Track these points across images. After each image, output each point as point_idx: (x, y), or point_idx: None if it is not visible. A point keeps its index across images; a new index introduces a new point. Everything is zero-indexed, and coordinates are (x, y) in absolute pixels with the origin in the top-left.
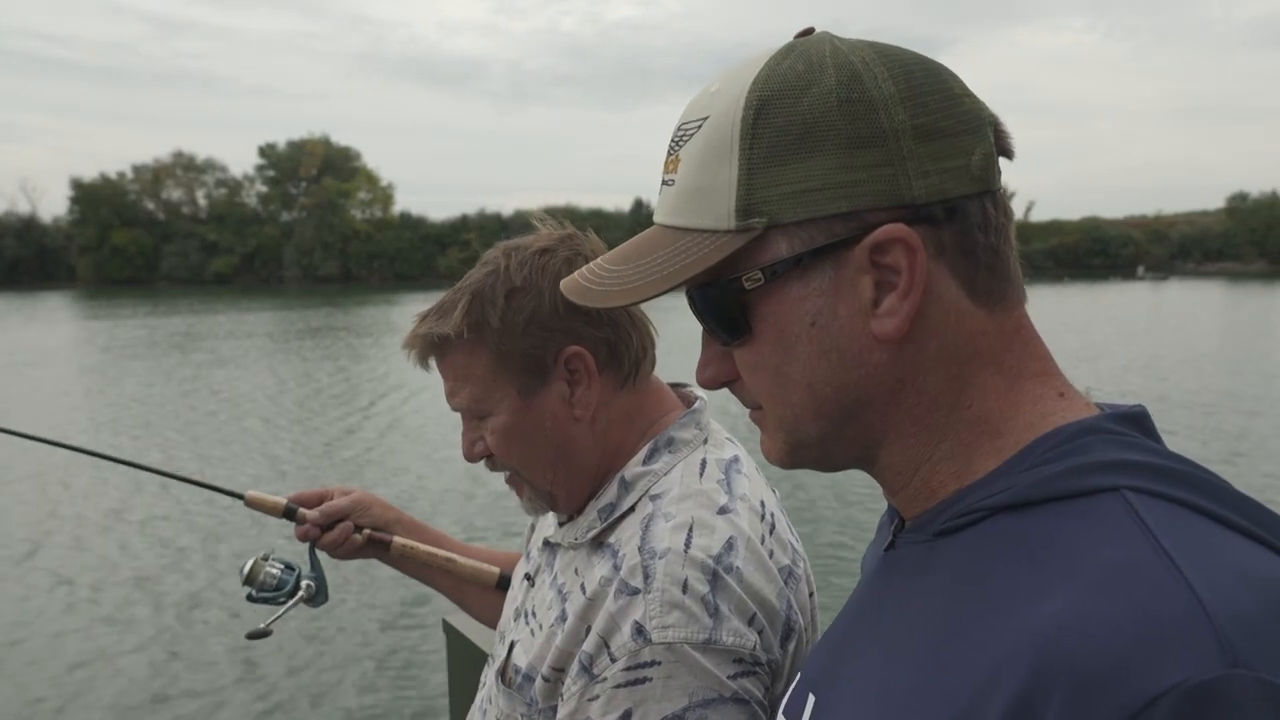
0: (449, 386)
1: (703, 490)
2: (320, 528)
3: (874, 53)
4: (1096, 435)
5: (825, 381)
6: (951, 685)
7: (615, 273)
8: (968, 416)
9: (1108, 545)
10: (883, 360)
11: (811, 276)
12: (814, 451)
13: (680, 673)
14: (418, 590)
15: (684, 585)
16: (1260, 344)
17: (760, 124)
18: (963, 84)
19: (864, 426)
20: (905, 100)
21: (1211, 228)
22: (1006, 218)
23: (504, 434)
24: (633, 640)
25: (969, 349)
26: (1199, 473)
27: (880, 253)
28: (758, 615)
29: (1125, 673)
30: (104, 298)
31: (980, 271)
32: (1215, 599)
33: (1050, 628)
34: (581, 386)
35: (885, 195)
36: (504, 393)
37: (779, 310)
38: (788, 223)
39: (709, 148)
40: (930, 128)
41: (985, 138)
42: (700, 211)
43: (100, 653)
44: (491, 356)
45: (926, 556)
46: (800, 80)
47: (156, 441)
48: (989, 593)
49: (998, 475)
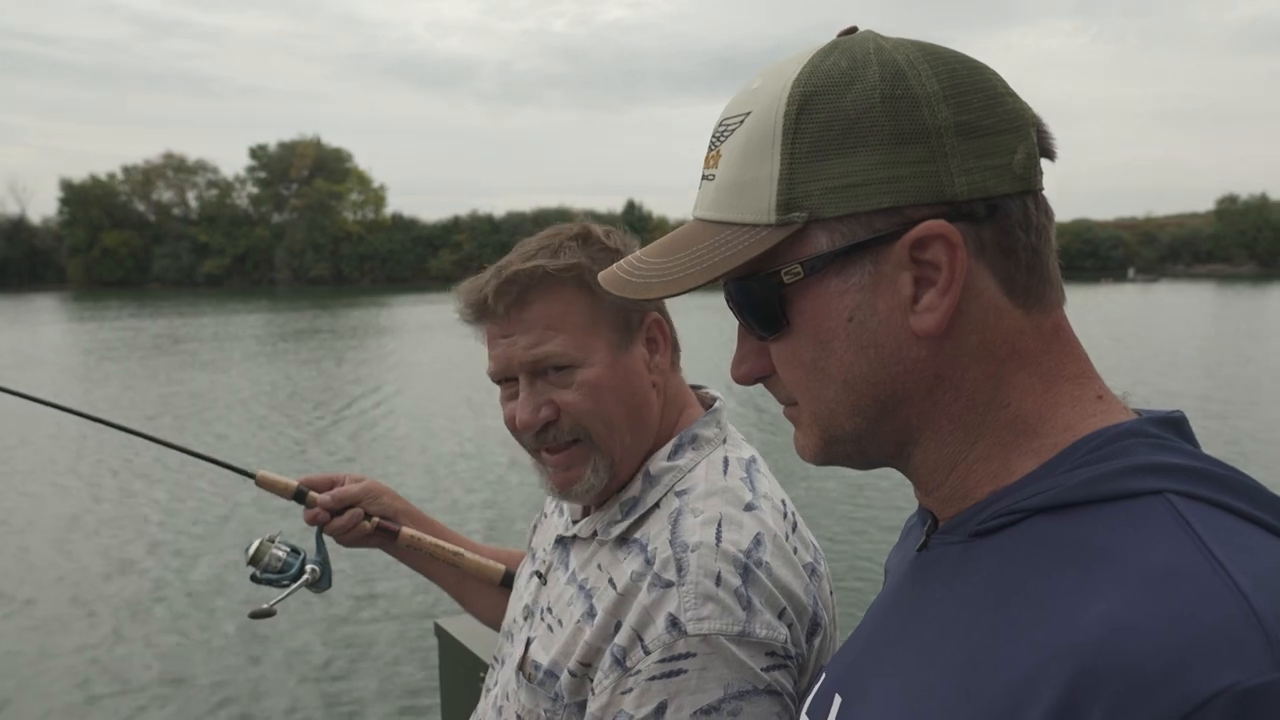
0: (529, 338)
1: (728, 487)
2: (330, 512)
3: (918, 50)
4: (1138, 439)
5: (862, 378)
6: (990, 687)
7: (655, 265)
8: (1005, 416)
9: (1154, 548)
10: (921, 357)
11: (851, 271)
12: (849, 448)
13: (715, 664)
14: (409, 594)
15: (717, 578)
16: (1254, 345)
17: (803, 119)
18: (1005, 83)
19: (900, 424)
20: (949, 98)
21: (1201, 230)
22: (1048, 218)
23: (595, 388)
24: (667, 632)
25: (1007, 348)
26: (1239, 477)
27: (921, 249)
28: (787, 609)
29: (1175, 675)
30: (94, 300)
31: (1020, 271)
32: (1264, 602)
33: (1098, 630)
34: (659, 354)
35: (927, 191)
36: (599, 344)
37: (817, 305)
38: (829, 218)
39: (751, 142)
40: (973, 125)
41: (1028, 137)
42: (741, 206)
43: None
44: (587, 305)
45: (962, 558)
46: (844, 77)
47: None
48: (1029, 595)
49: (1037, 476)
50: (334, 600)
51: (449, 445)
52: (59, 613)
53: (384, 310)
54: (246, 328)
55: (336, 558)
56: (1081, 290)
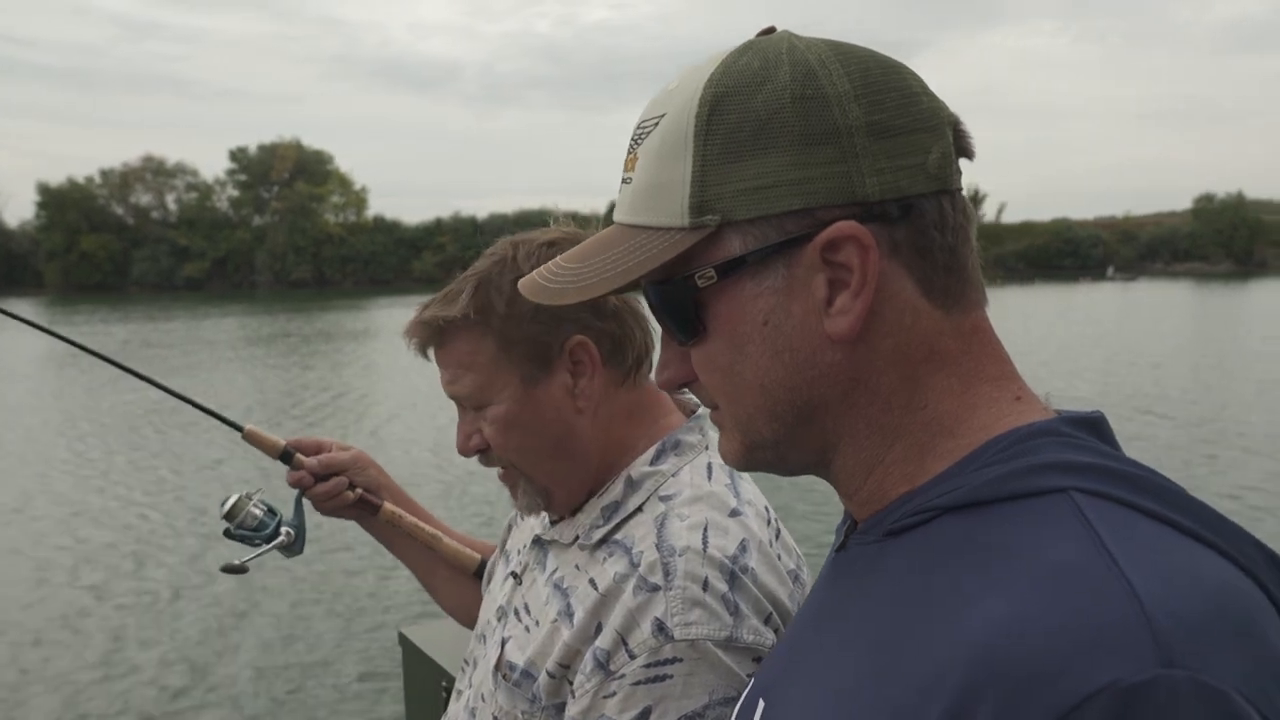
0: (449, 375)
1: (713, 493)
2: (314, 477)
3: (830, 50)
4: (1049, 437)
5: (778, 383)
6: (896, 688)
7: (571, 270)
8: (922, 418)
9: (1051, 546)
10: (836, 360)
11: (765, 275)
12: (769, 454)
13: (701, 670)
14: (373, 602)
15: (705, 583)
16: (1230, 344)
17: (714, 120)
18: (922, 82)
19: (818, 430)
20: (860, 97)
21: (1179, 229)
22: (966, 219)
23: (504, 424)
24: (654, 637)
25: (924, 350)
26: (1150, 476)
27: (833, 250)
28: (773, 615)
29: (1057, 674)
30: (71, 304)
31: (937, 271)
32: (1155, 601)
33: (987, 629)
34: (585, 378)
35: (838, 192)
36: (506, 380)
37: (732, 309)
38: (741, 220)
39: (665, 145)
40: (885, 125)
41: (943, 136)
42: (656, 209)
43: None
44: (496, 343)
45: (875, 558)
46: (755, 77)
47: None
48: (933, 594)
49: (948, 476)
50: (296, 606)
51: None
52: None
53: (363, 313)
54: (220, 331)
55: (312, 536)
56: (1061, 289)
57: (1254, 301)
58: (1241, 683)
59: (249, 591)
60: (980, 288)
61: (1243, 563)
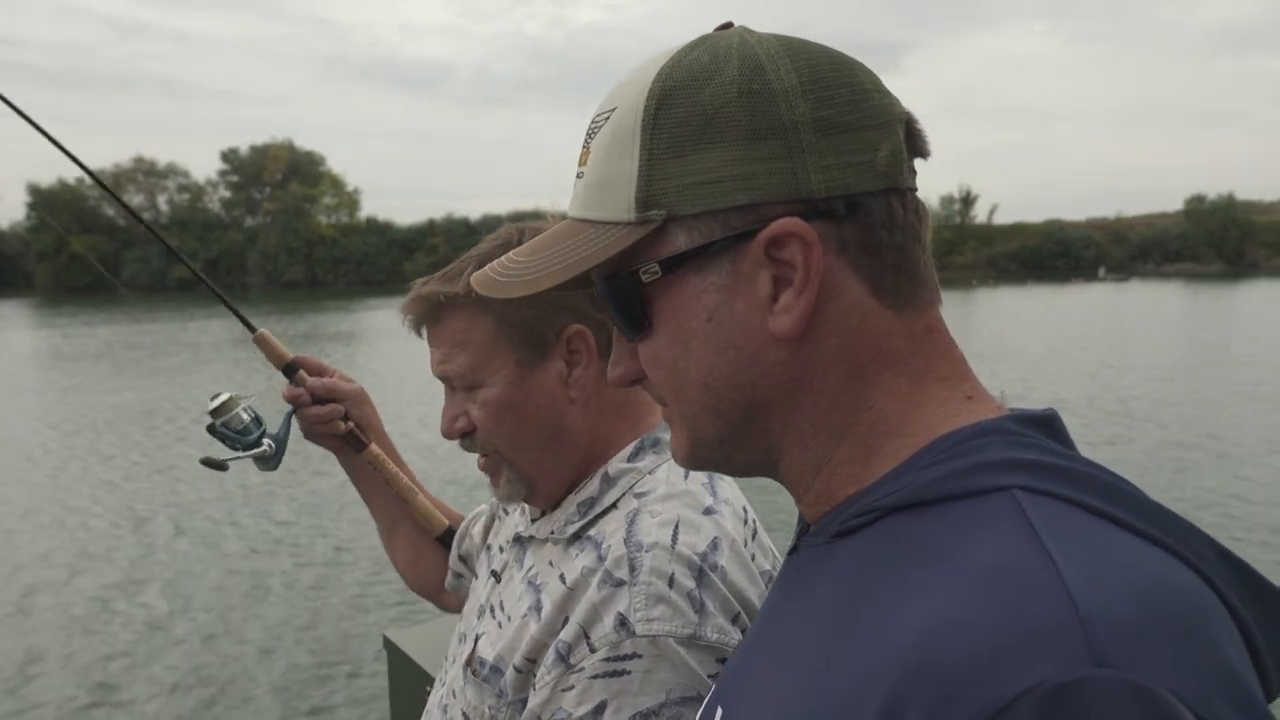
0: (441, 354)
1: (689, 491)
2: (313, 398)
3: (781, 46)
4: (995, 436)
5: (722, 380)
6: (835, 689)
7: (521, 264)
8: (868, 418)
9: (989, 546)
10: (780, 359)
11: (709, 271)
12: (714, 452)
13: (661, 667)
14: (359, 605)
15: (670, 579)
16: (1221, 345)
17: (662, 115)
18: (875, 79)
19: (763, 429)
20: (807, 92)
21: (1170, 229)
22: (918, 218)
23: (495, 407)
24: (615, 631)
25: (871, 349)
26: (1097, 473)
27: (777, 247)
28: (741, 614)
29: (986, 675)
30: (61, 306)
31: (886, 270)
32: (1090, 599)
33: (921, 630)
34: (580, 367)
35: (783, 188)
36: (501, 363)
37: (677, 305)
38: (686, 215)
39: (614, 139)
40: (833, 121)
41: (894, 134)
42: (604, 204)
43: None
44: (494, 324)
45: (823, 559)
46: (704, 71)
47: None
48: (874, 594)
49: (894, 476)
50: (280, 608)
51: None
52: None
53: (351, 315)
54: (203, 334)
55: (303, 537)
56: (1053, 290)
57: (1244, 302)
58: (1177, 682)
59: (233, 592)
60: (933, 288)
61: (1192, 560)
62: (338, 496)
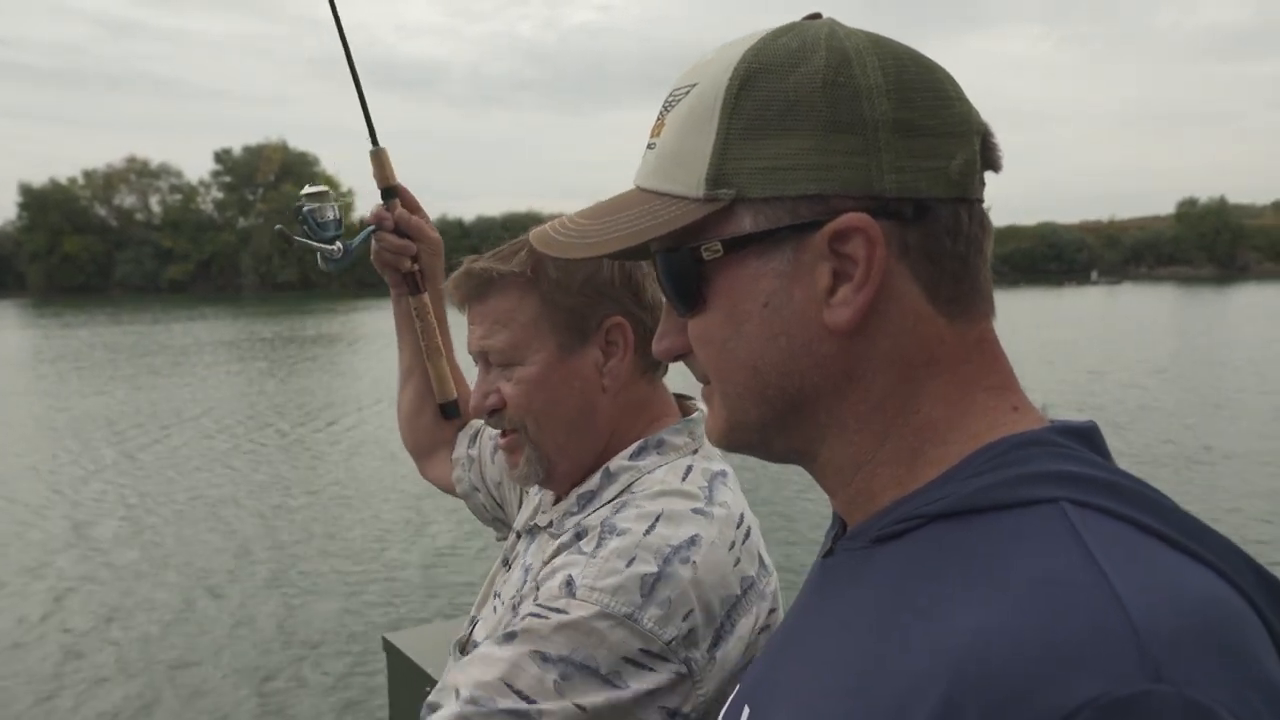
0: (483, 329)
1: (682, 490)
2: (395, 228)
3: (870, 42)
4: (1040, 447)
5: (771, 366)
6: (881, 696)
7: (582, 227)
8: (915, 422)
9: (1040, 556)
10: (831, 352)
11: (771, 256)
12: (752, 436)
13: (578, 629)
14: (358, 607)
15: (630, 561)
16: (1214, 349)
17: (744, 95)
18: (957, 87)
19: (807, 418)
20: (891, 92)
21: (1163, 233)
22: (983, 230)
23: (530, 385)
24: (560, 589)
25: (923, 354)
26: (1141, 488)
27: (841, 241)
28: (695, 612)
29: (1041, 688)
30: (53, 306)
31: (945, 278)
32: (1143, 613)
33: (971, 641)
34: (616, 358)
35: (855, 183)
36: (541, 344)
37: (734, 286)
38: (755, 198)
39: (692, 114)
40: (912, 124)
41: (970, 144)
42: (674, 177)
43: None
44: (540, 305)
45: (862, 564)
46: (791, 58)
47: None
48: (919, 602)
49: (939, 483)
50: (280, 610)
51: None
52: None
53: (338, 317)
54: (188, 337)
55: (299, 542)
56: (1046, 293)
57: (1235, 306)
58: (1231, 700)
59: (230, 595)
60: (988, 300)
61: (1232, 577)
62: (337, 497)
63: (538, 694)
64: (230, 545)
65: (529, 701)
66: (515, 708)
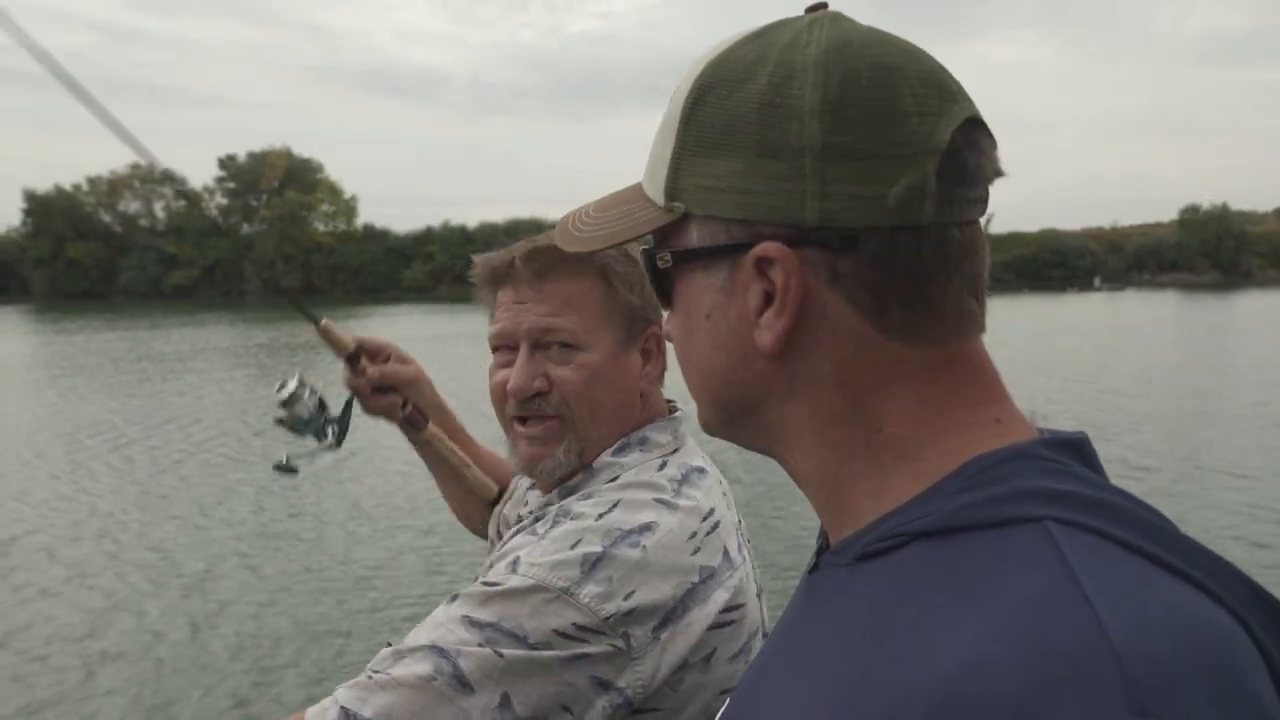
0: (548, 308)
1: (650, 482)
2: (373, 388)
3: (829, 52)
4: (1026, 461)
5: (716, 373)
6: (866, 708)
7: (590, 221)
8: (877, 440)
9: (1022, 579)
10: (769, 369)
11: (713, 271)
12: (718, 430)
13: (512, 599)
14: (365, 613)
15: (576, 542)
16: (1218, 356)
17: (696, 110)
18: (924, 100)
19: (760, 422)
20: (825, 113)
21: (1166, 239)
22: (962, 251)
23: (592, 373)
24: (505, 567)
25: (873, 377)
26: (1130, 506)
27: (765, 265)
28: (638, 592)
29: (1024, 713)
30: (56, 312)
31: (892, 305)
32: (1127, 639)
33: (950, 663)
34: (651, 364)
35: (777, 211)
36: (605, 335)
37: (686, 294)
38: (699, 214)
39: (665, 121)
40: (844, 148)
41: (919, 167)
42: (650, 181)
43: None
44: (604, 297)
45: (845, 582)
46: (742, 73)
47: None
48: (898, 624)
49: (921, 500)
50: (280, 612)
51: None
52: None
53: (345, 323)
54: (181, 341)
55: (303, 543)
56: (1049, 300)
57: (1239, 313)
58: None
59: (238, 600)
60: (963, 322)
61: (1226, 600)
62: (337, 497)
63: (460, 648)
64: (227, 551)
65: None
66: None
